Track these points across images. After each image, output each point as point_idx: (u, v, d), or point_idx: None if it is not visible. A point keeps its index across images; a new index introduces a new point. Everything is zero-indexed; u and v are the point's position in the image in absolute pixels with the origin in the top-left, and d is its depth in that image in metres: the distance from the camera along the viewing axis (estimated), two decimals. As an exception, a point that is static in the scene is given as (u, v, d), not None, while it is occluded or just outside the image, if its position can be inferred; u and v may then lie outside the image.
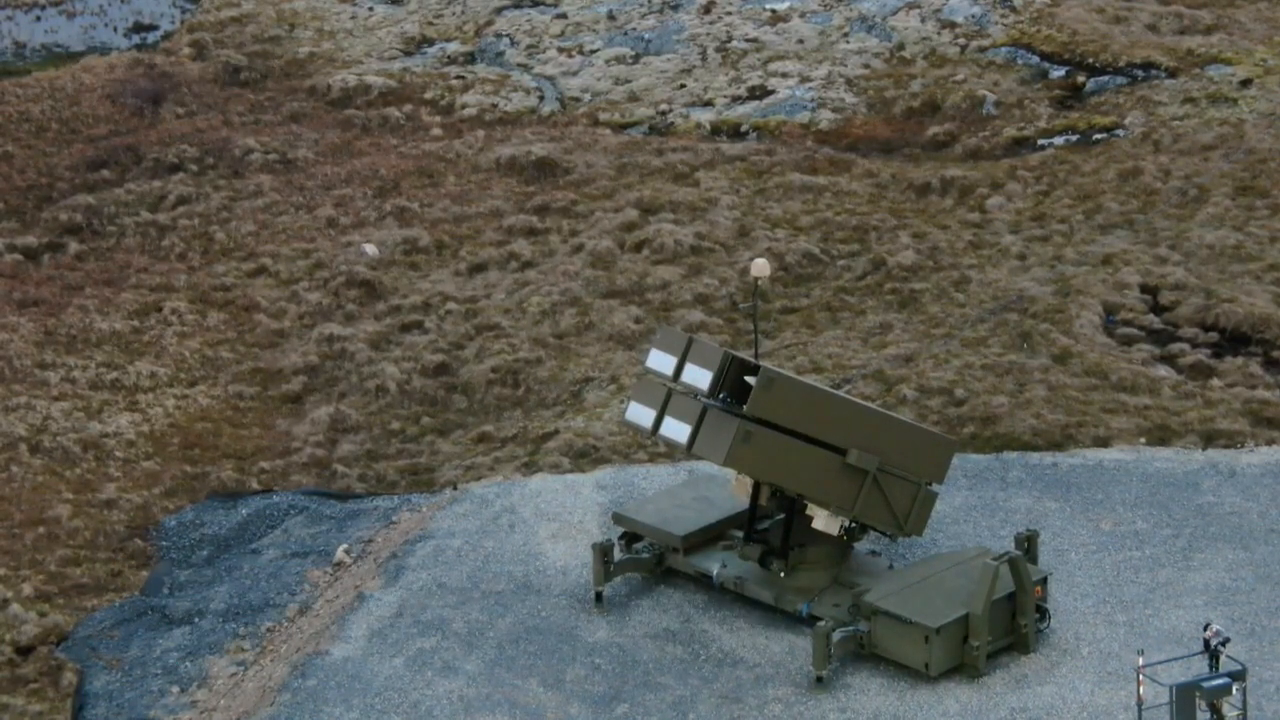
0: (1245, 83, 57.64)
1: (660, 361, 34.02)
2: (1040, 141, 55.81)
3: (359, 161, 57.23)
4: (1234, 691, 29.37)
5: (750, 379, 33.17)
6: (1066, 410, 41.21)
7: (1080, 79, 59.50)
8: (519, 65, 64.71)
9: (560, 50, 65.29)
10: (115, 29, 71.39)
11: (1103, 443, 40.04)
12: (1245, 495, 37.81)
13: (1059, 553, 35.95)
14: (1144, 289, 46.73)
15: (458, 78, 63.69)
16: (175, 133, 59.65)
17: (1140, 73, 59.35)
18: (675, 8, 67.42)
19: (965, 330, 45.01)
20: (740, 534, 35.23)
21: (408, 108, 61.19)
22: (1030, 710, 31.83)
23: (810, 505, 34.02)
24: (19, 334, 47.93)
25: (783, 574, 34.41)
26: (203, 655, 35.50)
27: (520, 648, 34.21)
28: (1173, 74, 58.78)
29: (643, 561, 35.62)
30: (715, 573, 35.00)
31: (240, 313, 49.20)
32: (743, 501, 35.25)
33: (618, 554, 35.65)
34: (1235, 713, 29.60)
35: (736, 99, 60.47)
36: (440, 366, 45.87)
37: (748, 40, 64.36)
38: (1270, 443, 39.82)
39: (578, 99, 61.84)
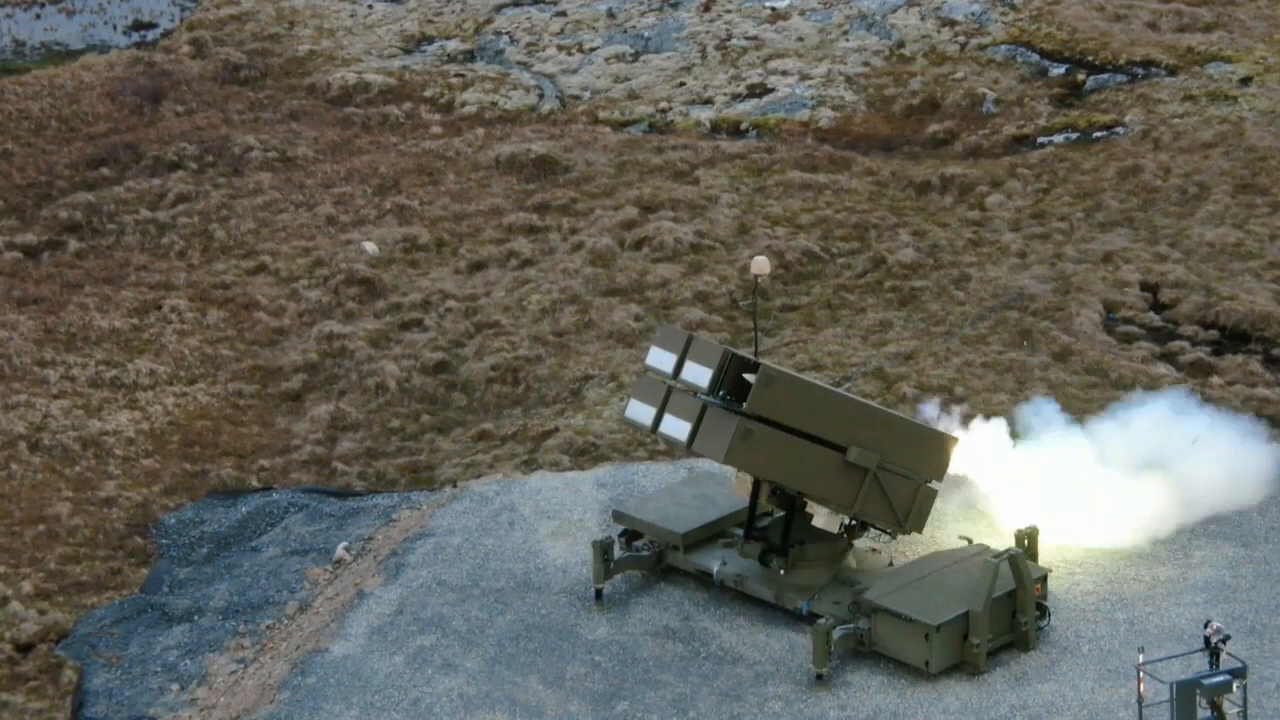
0: (1245, 80, 57.62)
1: (660, 359, 33.96)
2: (1040, 139, 55.79)
3: (359, 159, 57.21)
4: (1234, 689, 29.34)
5: (750, 377, 33.12)
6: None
7: (1080, 77, 59.47)
8: (519, 63, 64.70)
9: (560, 48, 65.27)
10: (115, 27, 71.41)
11: (1103, 440, 39.99)
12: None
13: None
14: (1144, 287, 46.72)
15: (457, 76, 63.67)
16: (175, 131, 59.62)
17: (1140, 70, 59.33)
18: (675, 5, 67.40)
19: (965, 328, 44.98)
20: (740, 532, 35.20)
21: (407, 106, 61.18)
22: (1030, 708, 31.79)
23: (810, 503, 33.99)
24: (19, 332, 47.90)
25: (783, 571, 34.38)
26: (202, 653, 35.46)
27: (520, 645, 34.17)
28: (1173, 72, 58.76)
29: (643, 559, 35.57)
30: (715, 570, 34.95)
31: (240, 310, 49.18)
32: (743, 499, 35.20)
33: (618, 552, 35.59)
34: (1236, 710, 29.58)
35: (736, 97, 60.45)
36: (440, 364, 45.85)
37: (747, 38, 64.35)
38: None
39: (577, 97, 61.81)
